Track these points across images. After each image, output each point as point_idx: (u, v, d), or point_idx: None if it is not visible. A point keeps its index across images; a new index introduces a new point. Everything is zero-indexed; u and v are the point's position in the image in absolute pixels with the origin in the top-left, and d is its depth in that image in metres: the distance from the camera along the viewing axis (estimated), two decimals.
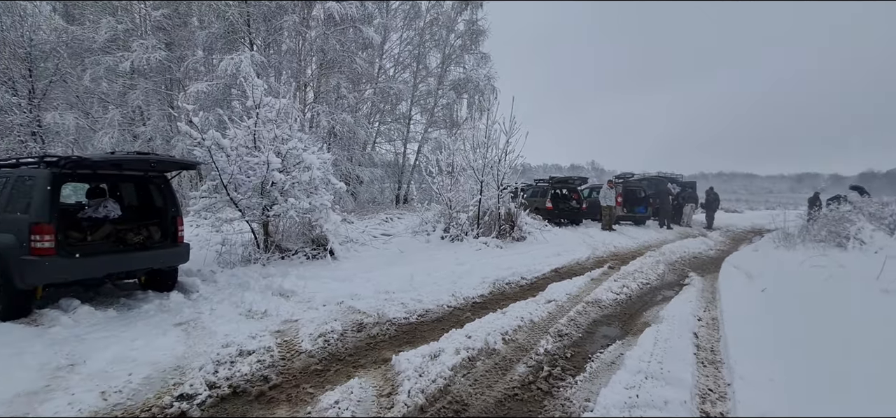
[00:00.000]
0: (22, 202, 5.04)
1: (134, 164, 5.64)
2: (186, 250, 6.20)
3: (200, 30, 16.78)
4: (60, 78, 15.51)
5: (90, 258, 5.23)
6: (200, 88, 14.49)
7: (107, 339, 4.32)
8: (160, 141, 16.00)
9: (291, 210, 7.72)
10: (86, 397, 3.06)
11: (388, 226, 13.70)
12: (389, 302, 5.75)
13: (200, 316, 5.18)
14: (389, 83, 19.59)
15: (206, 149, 7.25)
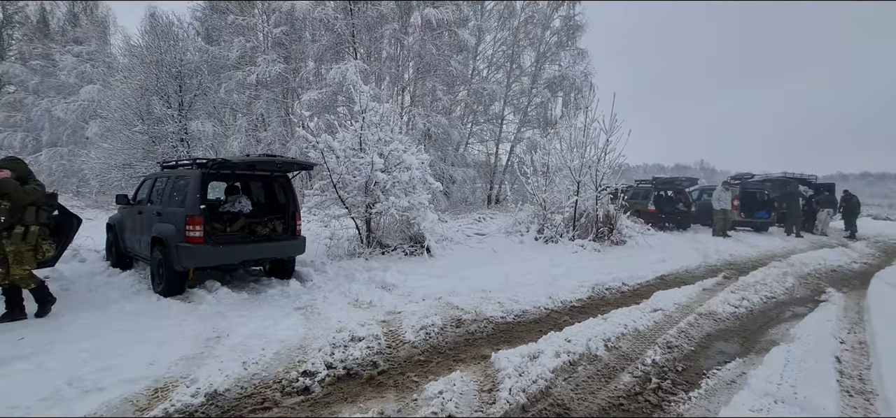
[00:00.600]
0: (179, 197, 5.99)
1: (264, 165, 6.40)
2: (303, 243, 6.88)
3: (312, 43, 18.41)
4: (202, 91, 18.07)
5: (229, 246, 6.05)
6: (312, 96, 15.91)
7: (242, 317, 4.97)
8: (278, 144, 17.85)
9: (392, 208, 8.16)
10: (231, 366, 3.56)
11: (480, 225, 13.85)
12: (486, 300, 5.83)
13: (315, 302, 5.71)
14: (483, 84, 19.76)
15: (319, 151, 7.97)
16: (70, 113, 22.24)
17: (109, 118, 18.61)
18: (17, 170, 4.73)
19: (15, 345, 4.02)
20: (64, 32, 27.58)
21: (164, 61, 17.21)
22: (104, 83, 21.03)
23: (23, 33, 27.95)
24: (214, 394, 3.17)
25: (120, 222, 7.69)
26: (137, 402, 3.02)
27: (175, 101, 17.77)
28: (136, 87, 17.43)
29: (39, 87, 24.84)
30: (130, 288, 6.45)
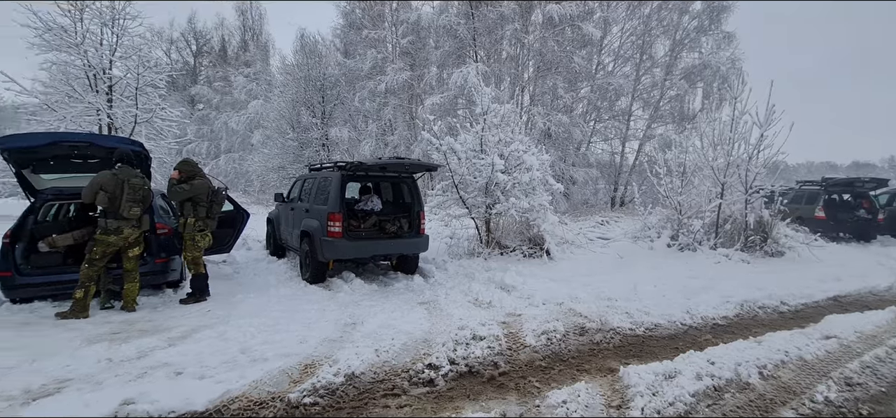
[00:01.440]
0: (323, 196, 6.74)
1: (393, 167, 6.88)
2: (427, 241, 7.22)
3: (435, 49, 19.26)
4: (340, 101, 20.17)
5: (362, 242, 6.63)
6: (434, 100, 16.64)
7: (373, 308, 5.39)
8: (403, 147, 19.04)
9: (512, 209, 8.13)
10: (365, 351, 3.89)
11: (603, 229, 13.07)
12: (612, 309, 5.47)
13: (438, 298, 5.95)
14: (608, 79, 18.62)
15: (441, 153, 8.29)
16: (240, 124, 26.52)
17: (268, 128, 21.82)
18: (186, 170, 5.65)
19: (204, 317, 4.93)
20: (237, 57, 33.06)
21: (311, 76, 19.58)
22: (265, 98, 24.73)
23: (209, 61, 34.19)
24: (352, 376, 3.49)
25: (276, 217, 8.94)
26: (292, 375, 3.46)
27: (318, 111, 20.11)
28: (289, 100, 20.15)
29: (219, 104, 30.10)
30: (284, 274, 7.45)
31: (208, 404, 2.97)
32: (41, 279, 5.11)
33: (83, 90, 13.20)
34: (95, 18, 13.18)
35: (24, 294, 5.05)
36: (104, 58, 13.29)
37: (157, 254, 5.59)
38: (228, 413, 2.94)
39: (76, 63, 13.38)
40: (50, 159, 5.38)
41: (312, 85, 19.66)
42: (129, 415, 2.80)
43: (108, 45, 13.35)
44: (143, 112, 13.97)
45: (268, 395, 3.16)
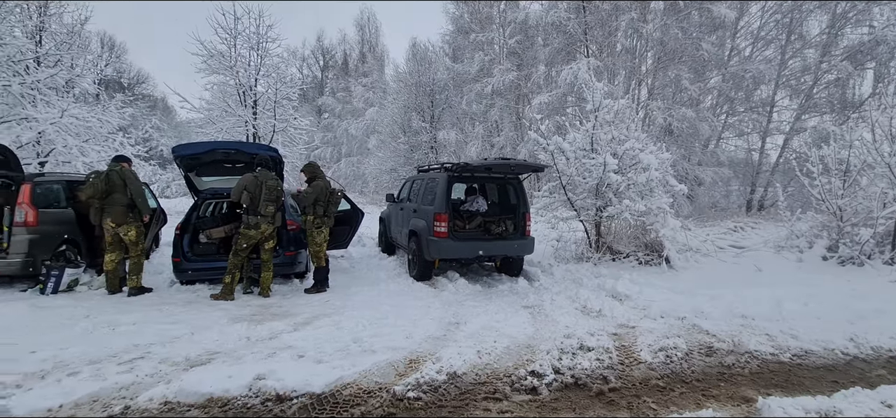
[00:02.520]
0: (430, 197, 6.95)
1: (499, 168, 6.84)
2: (532, 243, 7.04)
3: (543, 47, 18.77)
4: (448, 104, 20.75)
5: (467, 242, 6.69)
6: (542, 100, 16.22)
7: (476, 308, 5.40)
8: (509, 148, 18.88)
9: (625, 212, 7.55)
10: (467, 351, 3.90)
11: (736, 236, 11.49)
12: (747, 329, 4.75)
13: (543, 303, 5.75)
14: (744, 65, 16.32)
15: (549, 153, 8.01)
16: (359, 130, 28.76)
17: (382, 132, 23.34)
18: (310, 171, 6.25)
19: (323, 306, 5.40)
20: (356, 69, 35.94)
21: (421, 82, 20.46)
22: (380, 105, 26.50)
23: (333, 74, 37.70)
24: (454, 375, 3.51)
25: (388, 216, 9.48)
26: (397, 368, 3.60)
27: (427, 115, 20.93)
28: (401, 105, 21.30)
29: (341, 112, 32.99)
30: (393, 271, 7.85)
31: (324, 387, 3.22)
32: (201, 265, 6.07)
33: (235, 105, 15.44)
34: (245, 44, 15.33)
35: (189, 277, 6.05)
36: (251, 76, 15.41)
37: (286, 247, 6.28)
38: (341, 397, 3.15)
39: (230, 82, 15.71)
40: (209, 164, 6.37)
41: (422, 90, 20.54)
42: (260, 389, 3.16)
43: (254, 65, 15.45)
44: (279, 122, 15.88)
45: (375, 385, 3.32)
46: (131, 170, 5.73)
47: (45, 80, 11.55)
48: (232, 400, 3.04)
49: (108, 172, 5.53)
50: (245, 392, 3.13)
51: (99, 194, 5.44)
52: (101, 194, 5.45)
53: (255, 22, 15.29)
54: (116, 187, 5.50)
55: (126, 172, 5.61)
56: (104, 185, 5.45)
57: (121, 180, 5.53)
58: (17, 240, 5.62)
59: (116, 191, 5.50)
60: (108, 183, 5.48)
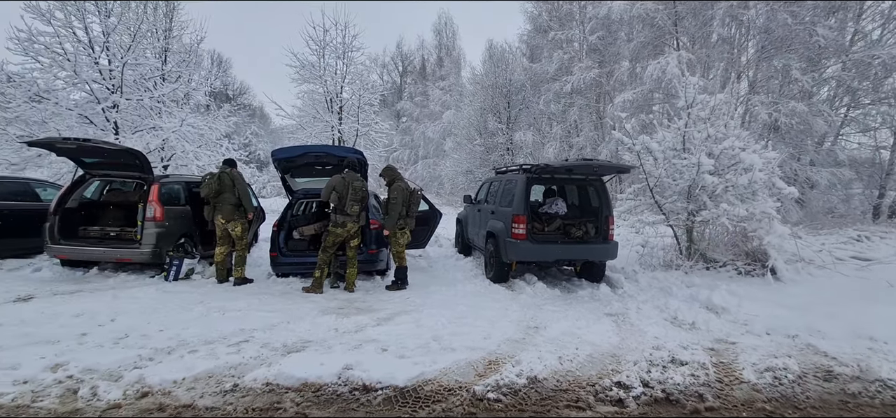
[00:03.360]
0: (508, 199, 6.90)
1: (581, 169, 6.61)
2: (615, 248, 6.71)
3: (627, 42, 17.82)
4: (525, 105, 20.47)
5: (545, 245, 6.55)
6: (626, 97, 15.39)
7: (556, 313, 5.26)
8: (589, 148, 18.17)
9: (723, 217, 6.91)
10: (548, 357, 3.81)
11: (861, 246, 10.01)
12: (877, 354, 4.13)
13: (628, 311, 5.45)
14: (871, 50, 14.18)
15: (635, 153, 7.58)
16: (435, 133, 29.36)
17: (458, 134, 23.60)
18: (389, 174, 6.45)
19: (404, 303, 5.58)
20: (434, 73, 36.73)
21: (497, 83, 20.39)
22: (456, 108, 26.84)
23: (411, 79, 38.88)
24: (534, 380, 3.45)
25: (465, 217, 9.56)
26: (476, 368, 3.62)
27: (504, 116, 20.81)
28: (477, 107, 21.39)
29: (419, 116, 33.90)
30: (470, 272, 7.90)
31: (407, 381, 3.33)
32: (294, 259, 6.57)
33: (323, 111, 16.53)
34: (332, 54, 16.34)
35: (284, 270, 6.58)
36: (337, 84, 16.39)
37: (369, 245, 6.59)
38: (422, 393, 3.23)
39: (318, 91, 16.85)
40: (302, 166, 6.89)
41: (498, 91, 20.46)
42: (348, 378, 3.34)
43: (340, 74, 16.42)
44: (362, 126, 16.70)
45: (455, 384, 3.37)
46: (239, 173, 6.38)
47: (169, 94, 13.22)
48: (323, 387, 3.25)
49: (220, 174, 6.21)
50: (335, 380, 3.33)
51: (212, 193, 6.12)
52: (214, 194, 6.13)
53: (342, 32, 16.26)
54: (226, 187, 6.16)
55: (234, 174, 6.26)
56: (216, 186, 6.12)
57: (230, 181, 6.18)
58: (148, 233, 6.49)
59: (226, 191, 6.15)
60: (219, 183, 6.14)
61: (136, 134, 12.39)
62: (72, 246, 6.49)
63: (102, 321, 4.34)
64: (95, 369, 3.30)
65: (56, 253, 6.47)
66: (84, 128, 11.55)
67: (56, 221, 6.50)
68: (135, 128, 12.53)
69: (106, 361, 3.41)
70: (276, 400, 3.06)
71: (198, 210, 7.03)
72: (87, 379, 3.18)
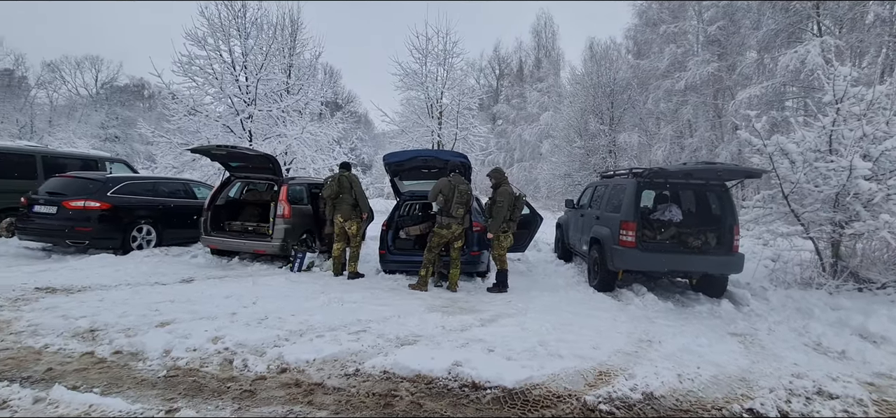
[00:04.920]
0: (616, 204, 6.59)
1: (701, 173, 6.08)
2: (741, 260, 6.06)
3: (753, 31, 15.92)
4: (630, 105, 19.30)
5: (657, 254, 6.13)
6: (752, 93, 13.76)
7: (671, 328, 4.90)
8: (705, 150, 16.57)
9: (883, 230, 5.86)
10: (666, 373, 3.57)
11: None
12: None
13: (757, 333, 4.90)
14: None
15: (766, 156, 6.75)
16: (532, 136, 28.95)
17: (556, 137, 23.00)
18: (496, 177, 6.49)
19: (506, 306, 5.62)
20: (531, 75, 36.24)
21: (600, 83, 19.51)
22: (555, 109, 26.19)
23: (508, 82, 38.78)
24: (650, 396, 3.27)
25: (565, 222, 9.31)
26: (586, 378, 3.53)
27: (606, 117, 19.83)
28: (578, 108, 20.66)
29: (515, 119, 33.70)
30: (571, 278, 7.68)
31: (515, 384, 3.36)
32: (401, 257, 6.96)
33: (424, 116, 17.22)
34: (434, 61, 16.96)
35: (391, 267, 7.00)
36: (438, 90, 16.97)
37: (471, 247, 6.73)
38: (530, 396, 3.24)
39: (420, 97, 17.59)
40: (410, 170, 7.28)
41: (601, 91, 19.55)
42: (458, 375, 3.47)
43: (441, 79, 16.98)
44: (461, 130, 17.07)
45: (565, 391, 3.32)
46: (355, 176, 6.96)
47: (292, 105, 14.79)
48: (435, 380, 3.41)
49: (339, 176, 6.82)
50: (445, 374, 3.47)
51: (333, 194, 6.75)
52: (334, 194, 6.75)
53: (443, 39, 16.79)
54: (345, 189, 6.75)
55: (352, 177, 6.84)
56: (336, 187, 6.74)
57: (348, 183, 6.76)
58: (278, 229, 7.34)
59: (345, 192, 6.74)
60: (339, 185, 6.75)
61: (266, 140, 14.05)
62: (220, 237, 7.59)
63: (246, 303, 5.02)
64: (245, 344, 3.84)
65: (208, 243, 7.62)
66: (226, 136, 13.39)
67: (208, 216, 7.65)
68: (264, 136, 14.22)
69: (252, 338, 3.95)
70: (393, 388, 3.28)
71: (317, 209, 7.80)
72: (239, 352, 3.71)
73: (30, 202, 7.35)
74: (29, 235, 7.41)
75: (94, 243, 7.39)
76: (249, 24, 13.76)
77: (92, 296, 5.11)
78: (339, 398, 3.10)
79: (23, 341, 3.77)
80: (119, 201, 7.54)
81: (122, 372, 3.35)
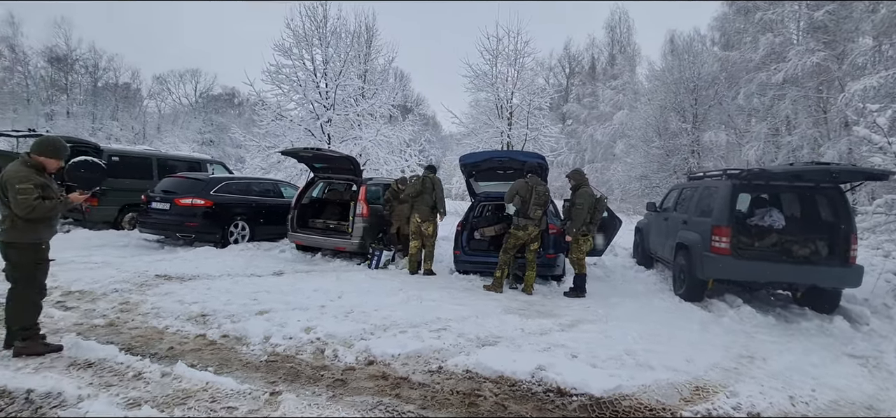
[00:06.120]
0: (706, 207, 6.13)
1: (812, 175, 5.49)
2: (859, 273, 5.38)
3: (869, 14, 14.05)
4: (717, 101, 17.86)
5: (755, 263, 5.61)
6: (868, 84, 12.13)
7: (775, 345, 4.46)
8: (807, 149, 14.95)
9: None
10: (774, 394, 3.26)
11: None
12: None
13: (882, 355, 4.33)
14: None
15: (891, 155, 5.95)
16: (605, 136, 27.80)
17: (632, 136, 21.87)
18: (577, 179, 6.30)
19: (585, 312, 5.43)
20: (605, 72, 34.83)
21: (682, 78, 18.26)
22: (630, 108, 24.92)
23: (579, 80, 37.55)
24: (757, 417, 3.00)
25: (646, 226, 8.82)
26: (681, 392, 3.31)
27: (689, 115, 18.52)
28: (657, 106, 19.50)
29: (586, 118, 32.55)
30: (653, 285, 7.26)
31: (603, 393, 3.24)
32: (475, 258, 6.99)
33: (493, 117, 17.18)
34: (504, 61, 16.88)
35: (465, 268, 7.05)
36: (508, 90, 16.85)
37: (547, 249, 6.59)
38: (620, 407, 3.11)
39: (489, 98, 17.57)
40: (485, 171, 7.30)
41: (683, 87, 18.29)
42: (541, 379, 3.41)
43: (511, 80, 16.85)
44: (531, 131, 16.82)
45: (657, 404, 3.14)
46: (438, 179, 7.14)
47: (367, 109, 15.43)
48: (518, 383, 3.38)
49: (424, 178, 7.02)
50: (528, 378, 3.43)
51: (415, 193, 6.96)
52: (416, 193, 6.95)
53: (514, 40, 16.65)
54: (426, 190, 6.93)
55: (435, 180, 7.05)
56: (420, 187, 6.94)
57: (431, 185, 6.95)
58: (357, 227, 7.68)
59: (426, 193, 6.92)
60: (422, 186, 6.95)
61: (343, 143, 14.79)
62: (305, 234, 8.10)
63: (332, 297, 5.30)
64: (334, 335, 4.06)
65: (294, 239, 8.15)
66: (307, 139, 14.29)
67: (295, 214, 8.18)
68: (342, 139, 14.98)
69: (341, 330, 4.16)
70: (476, 388, 3.30)
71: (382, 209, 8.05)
72: (329, 342, 3.92)
73: (148, 199, 8.32)
74: (147, 228, 8.39)
75: (199, 237, 8.21)
76: (330, 34, 14.55)
77: (200, 285, 5.68)
78: (424, 393, 3.18)
79: (149, 322, 4.28)
80: (220, 199, 8.31)
81: (230, 355, 3.68)
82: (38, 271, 3.36)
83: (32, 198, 3.15)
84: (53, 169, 3.42)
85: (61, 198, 3.41)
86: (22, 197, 3.13)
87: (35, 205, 3.16)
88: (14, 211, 3.17)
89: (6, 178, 3.19)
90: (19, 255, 3.26)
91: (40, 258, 3.35)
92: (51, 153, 3.36)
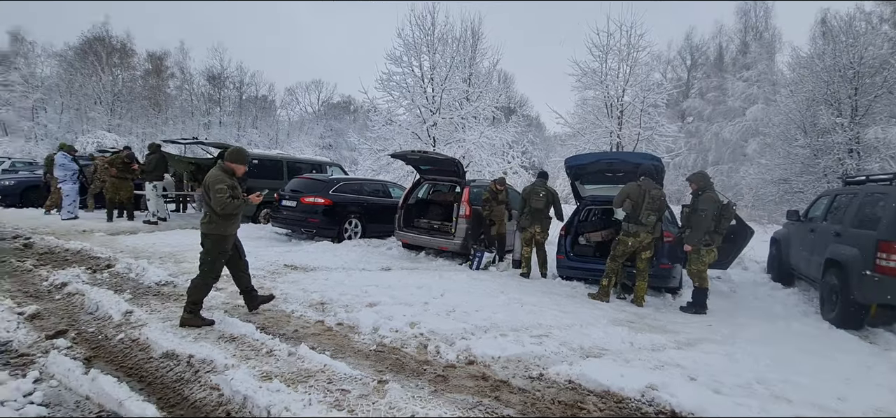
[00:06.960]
0: (869, 218, 5.13)
1: None
2: None
3: None
4: (886, 90, 14.79)
5: None
6: None
7: None
8: None
9: None
10: None
11: None
12: None
13: None
14: None
15: None
16: (734, 133, 24.74)
17: (769, 134, 19.08)
18: (700, 183, 5.62)
19: (705, 330, 4.90)
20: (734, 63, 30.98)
21: (838, 64, 15.47)
22: (767, 101, 21.81)
23: (703, 72, 33.90)
24: None
25: (786, 238, 7.67)
26: None
27: (846, 108, 15.61)
28: (802, 99, 16.79)
29: (711, 115, 29.29)
30: (795, 307, 6.30)
31: None
32: (579, 264, 6.71)
33: (601, 117, 16.30)
34: (615, 57, 15.93)
35: (569, 273, 6.81)
36: (619, 88, 15.87)
37: (661, 259, 6.07)
38: None
39: (598, 96, 16.71)
40: (592, 173, 6.98)
41: (839, 75, 15.45)
42: (653, 399, 3.16)
43: (623, 76, 15.84)
44: (645, 130, 15.63)
45: None
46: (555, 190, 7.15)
47: (471, 111, 15.69)
48: (626, 400, 3.17)
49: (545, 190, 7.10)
50: (638, 396, 3.20)
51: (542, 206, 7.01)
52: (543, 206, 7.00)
53: (627, 33, 15.63)
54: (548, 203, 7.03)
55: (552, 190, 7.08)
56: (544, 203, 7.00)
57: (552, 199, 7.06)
58: (460, 228, 7.85)
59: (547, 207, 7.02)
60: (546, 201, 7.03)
61: (447, 145, 15.23)
62: (410, 233, 8.51)
63: (435, 294, 5.49)
64: (437, 332, 4.20)
65: (401, 237, 8.61)
66: (414, 143, 14.99)
67: (402, 214, 8.64)
68: (446, 141, 15.43)
69: (443, 328, 4.29)
70: (579, 400, 3.17)
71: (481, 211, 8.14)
72: (432, 338, 4.07)
73: (280, 197, 9.44)
74: (278, 223, 9.53)
75: (319, 232, 9.09)
76: (437, 40, 15.09)
77: (320, 276, 6.28)
78: (524, 399, 3.14)
79: (278, 306, 4.85)
80: (337, 198, 9.11)
81: (344, 341, 4.01)
82: (219, 260, 4.10)
83: (226, 197, 3.89)
84: (241, 173, 4.18)
85: (244, 198, 4.14)
86: (219, 196, 3.87)
87: (227, 203, 3.90)
88: (212, 207, 3.91)
89: (208, 181, 3.96)
90: (211, 244, 4.02)
91: (223, 250, 4.08)
92: (239, 160, 4.15)
